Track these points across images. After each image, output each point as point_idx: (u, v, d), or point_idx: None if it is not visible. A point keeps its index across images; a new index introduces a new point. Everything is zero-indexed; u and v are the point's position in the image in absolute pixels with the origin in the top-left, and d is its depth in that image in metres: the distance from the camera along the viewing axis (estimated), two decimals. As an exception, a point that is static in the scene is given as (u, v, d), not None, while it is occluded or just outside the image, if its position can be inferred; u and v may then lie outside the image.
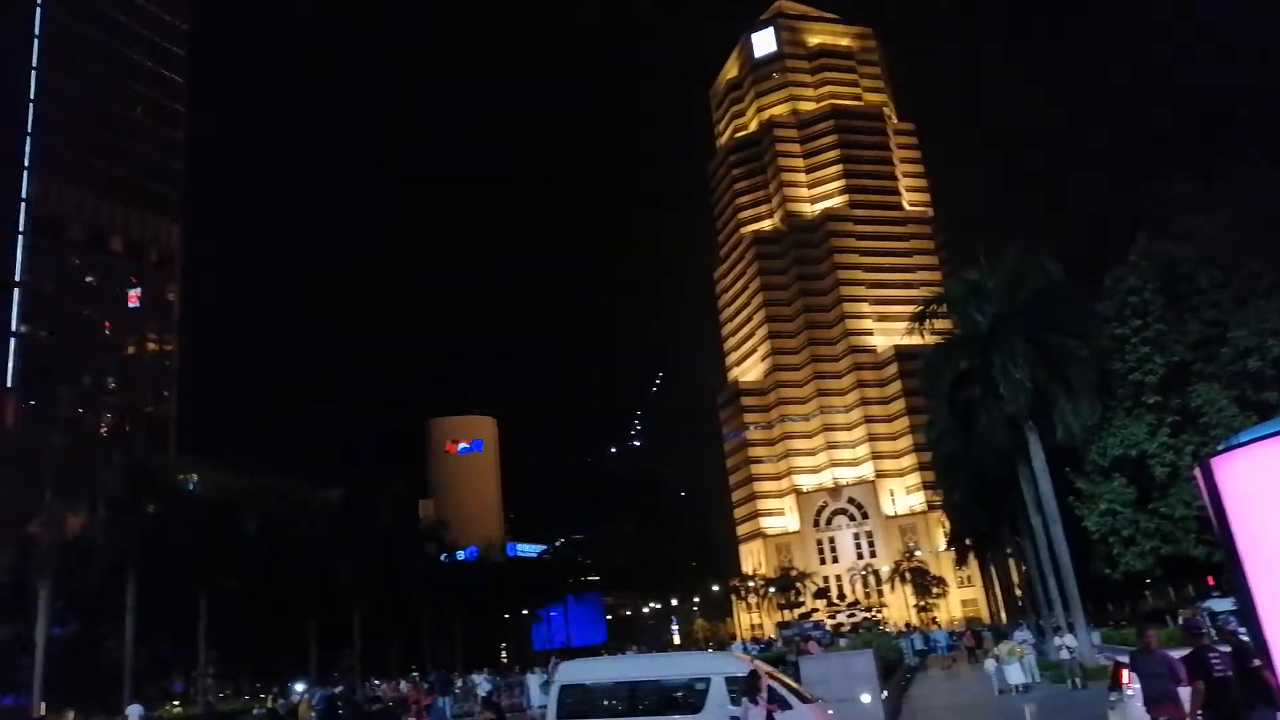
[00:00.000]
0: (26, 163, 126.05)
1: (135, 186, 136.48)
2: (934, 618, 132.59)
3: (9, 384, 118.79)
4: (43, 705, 44.16)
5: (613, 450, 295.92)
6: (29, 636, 43.12)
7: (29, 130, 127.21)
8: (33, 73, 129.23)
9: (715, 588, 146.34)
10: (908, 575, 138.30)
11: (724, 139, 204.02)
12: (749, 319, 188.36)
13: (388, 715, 29.02)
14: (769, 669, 16.46)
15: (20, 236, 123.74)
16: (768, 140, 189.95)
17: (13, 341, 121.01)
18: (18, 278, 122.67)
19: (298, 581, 55.54)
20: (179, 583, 48.40)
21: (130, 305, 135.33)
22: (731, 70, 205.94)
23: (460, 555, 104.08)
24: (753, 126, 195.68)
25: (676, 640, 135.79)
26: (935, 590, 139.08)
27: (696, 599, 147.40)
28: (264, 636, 56.00)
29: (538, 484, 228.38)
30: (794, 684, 16.74)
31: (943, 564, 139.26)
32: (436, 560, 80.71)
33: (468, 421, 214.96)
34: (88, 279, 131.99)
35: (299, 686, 57.79)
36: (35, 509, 43.51)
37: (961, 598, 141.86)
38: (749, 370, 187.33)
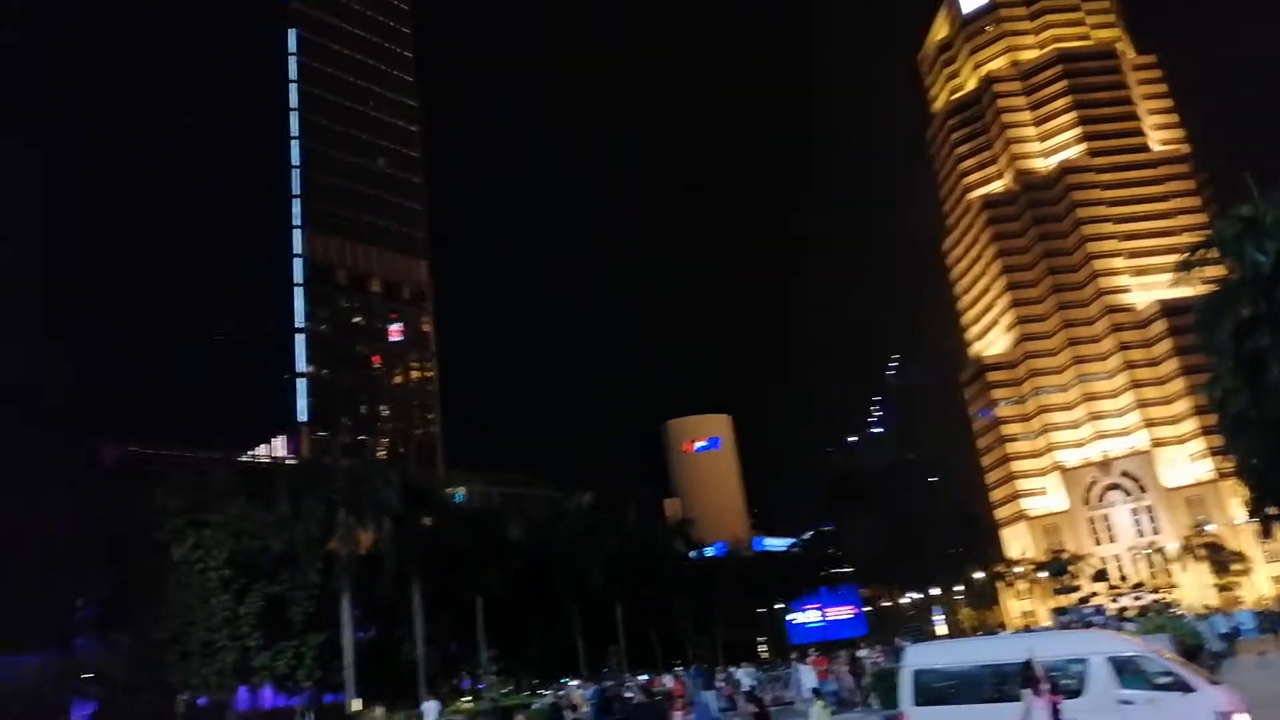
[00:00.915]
0: (297, 222, 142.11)
1: (386, 231, 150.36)
2: (1238, 597, 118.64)
3: (303, 419, 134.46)
4: (357, 702, 49.38)
5: (853, 439, 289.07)
6: (338, 642, 48.29)
7: (295, 193, 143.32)
8: (294, 142, 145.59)
9: (978, 575, 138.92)
10: (1200, 552, 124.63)
11: (939, 103, 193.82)
12: (987, 289, 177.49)
13: (654, 709, 29.91)
14: (1157, 648, 14.80)
15: (298, 288, 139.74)
16: (988, 97, 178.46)
17: (301, 382, 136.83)
18: (300, 324, 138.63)
19: (559, 583, 58.73)
20: (457, 587, 52.58)
21: (392, 339, 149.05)
22: (940, 31, 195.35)
23: (709, 552, 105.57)
24: (970, 85, 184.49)
25: (942, 631, 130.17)
26: (1235, 567, 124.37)
27: (959, 587, 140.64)
28: (535, 636, 59.60)
29: (778, 478, 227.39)
30: (1189, 665, 15.06)
31: (1242, 538, 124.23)
32: (686, 557, 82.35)
33: (703, 420, 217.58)
34: (355, 319, 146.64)
35: (572, 682, 61.01)
36: (330, 528, 48.78)
37: (1272, 573, 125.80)
38: (993, 343, 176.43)
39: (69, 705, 75.87)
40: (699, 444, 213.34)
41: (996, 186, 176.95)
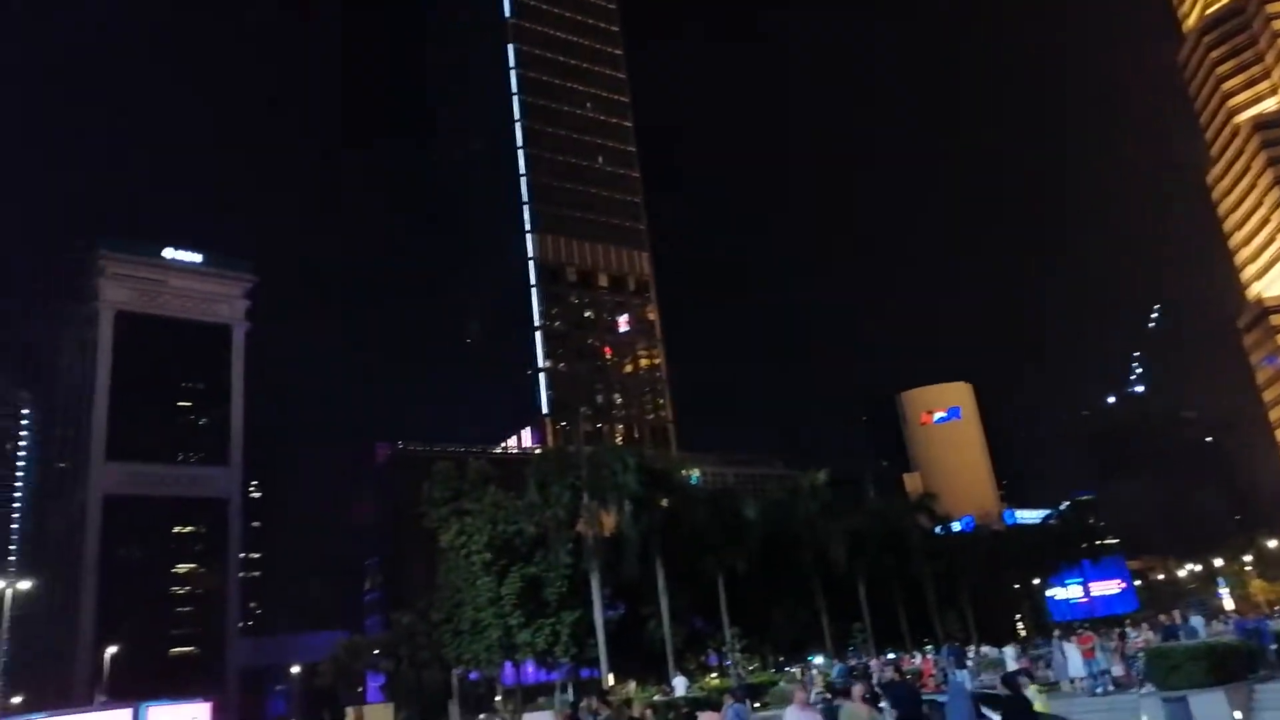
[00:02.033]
0: (528, 226, 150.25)
1: (608, 226, 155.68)
2: None
3: (545, 410, 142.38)
4: (610, 678, 51.94)
5: (1111, 399, 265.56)
6: (591, 619, 50.95)
7: (524, 199, 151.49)
8: (519, 151, 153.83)
9: (1271, 543, 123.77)
10: None
11: (1191, 20, 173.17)
12: (1265, 220, 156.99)
13: (905, 688, 29.20)
14: None
15: (533, 289, 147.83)
16: (1254, 7, 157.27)
17: (541, 376, 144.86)
18: (537, 323, 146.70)
19: (799, 560, 58.60)
20: (697, 566, 53.88)
21: (621, 330, 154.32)
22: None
23: (955, 527, 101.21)
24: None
25: (1229, 605, 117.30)
26: None
27: (1248, 557, 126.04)
28: (779, 614, 59.87)
29: (1027, 447, 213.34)
30: None
31: None
32: (931, 533, 79.44)
33: (941, 390, 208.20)
34: (585, 314, 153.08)
35: (817, 660, 60.76)
36: (576, 512, 51.48)
37: None
38: (1275, 282, 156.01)
39: (362, 676, 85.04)
40: (938, 415, 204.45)
41: (1269, 105, 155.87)
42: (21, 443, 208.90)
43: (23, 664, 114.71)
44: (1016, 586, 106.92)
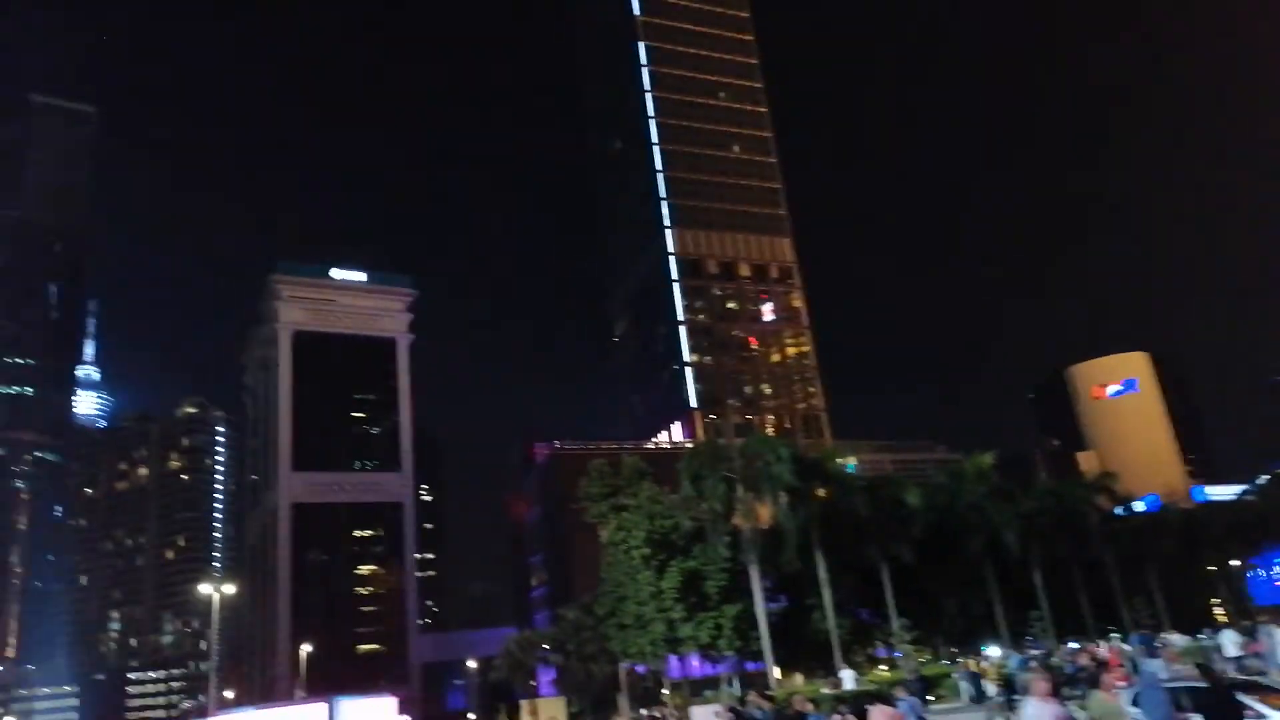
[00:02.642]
0: (666, 222, 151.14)
1: (747, 215, 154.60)
2: None
3: (693, 404, 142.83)
4: (776, 671, 51.55)
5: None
6: (753, 612, 50.69)
7: (662, 195, 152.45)
8: (654, 148, 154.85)
9: None
10: None
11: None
12: None
13: (1089, 679, 27.50)
14: None
15: (675, 284, 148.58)
16: None
17: (688, 370, 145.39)
18: (680, 317, 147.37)
19: (968, 547, 56.26)
20: (860, 556, 52.64)
21: (765, 319, 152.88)
22: None
23: (1138, 506, 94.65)
24: None
25: None
26: None
27: None
28: (949, 603, 57.72)
29: (1218, 417, 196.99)
30: None
31: None
32: (1111, 514, 74.56)
33: (1114, 362, 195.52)
34: (729, 305, 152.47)
35: (993, 651, 58.19)
36: (731, 505, 51.27)
37: None
38: None
39: (534, 670, 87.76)
40: (1112, 388, 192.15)
41: None
42: (219, 458, 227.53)
43: (231, 661, 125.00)
44: (1212, 569, 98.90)
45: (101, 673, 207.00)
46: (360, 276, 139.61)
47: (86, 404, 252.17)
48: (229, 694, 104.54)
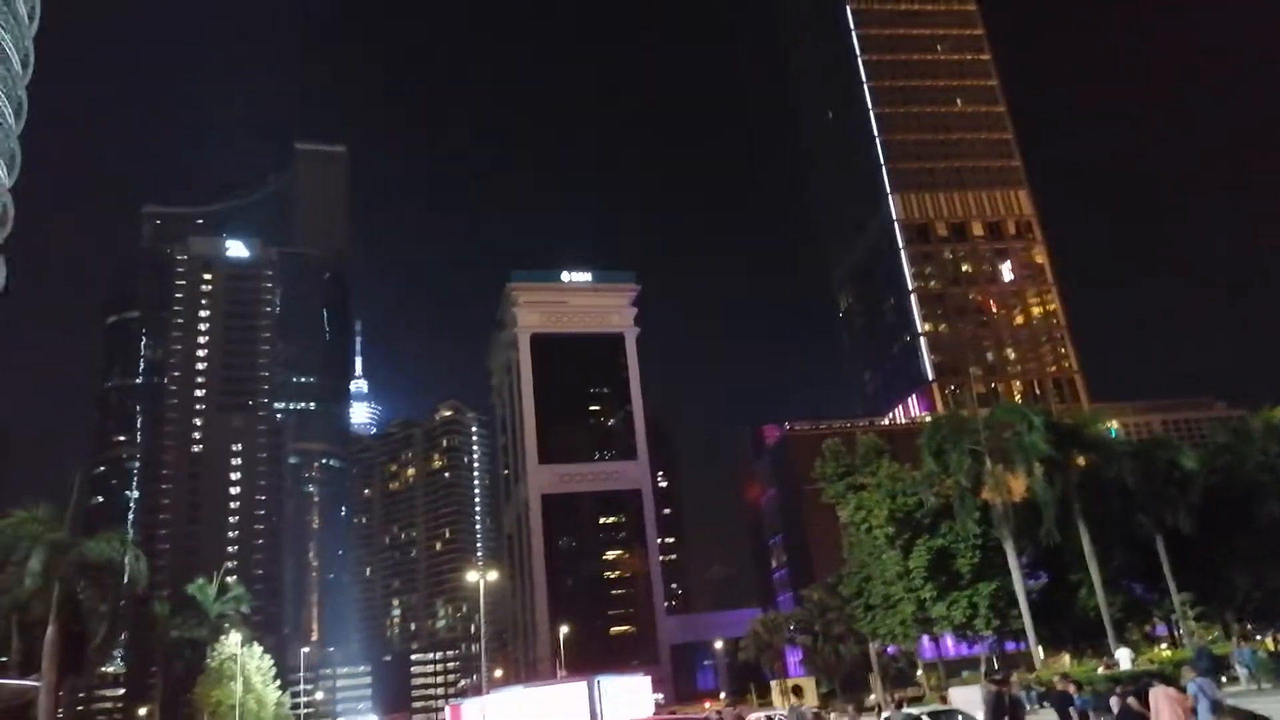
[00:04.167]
0: (887, 189, 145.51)
1: (976, 171, 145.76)
2: None
3: (929, 376, 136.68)
4: (1039, 651, 48.24)
5: None
6: (1010, 589, 47.68)
7: (880, 162, 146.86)
8: (869, 114, 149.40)
9: None
10: None
11: None
12: None
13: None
14: None
15: (901, 251, 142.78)
16: None
17: (922, 340, 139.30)
18: (909, 286, 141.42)
19: (1258, 513, 49.82)
20: (1129, 527, 48.02)
21: (1005, 279, 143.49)
22: None
23: None
24: None
25: None
26: None
27: None
28: (1238, 575, 51.46)
29: None
30: None
31: None
32: None
33: None
34: (962, 268, 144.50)
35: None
36: (979, 479, 48.40)
37: None
38: None
39: (781, 650, 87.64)
40: None
41: None
42: (475, 455, 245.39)
43: (498, 643, 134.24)
44: None
45: (388, 654, 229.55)
46: (586, 276, 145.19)
47: (360, 414, 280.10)
48: (498, 673, 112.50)
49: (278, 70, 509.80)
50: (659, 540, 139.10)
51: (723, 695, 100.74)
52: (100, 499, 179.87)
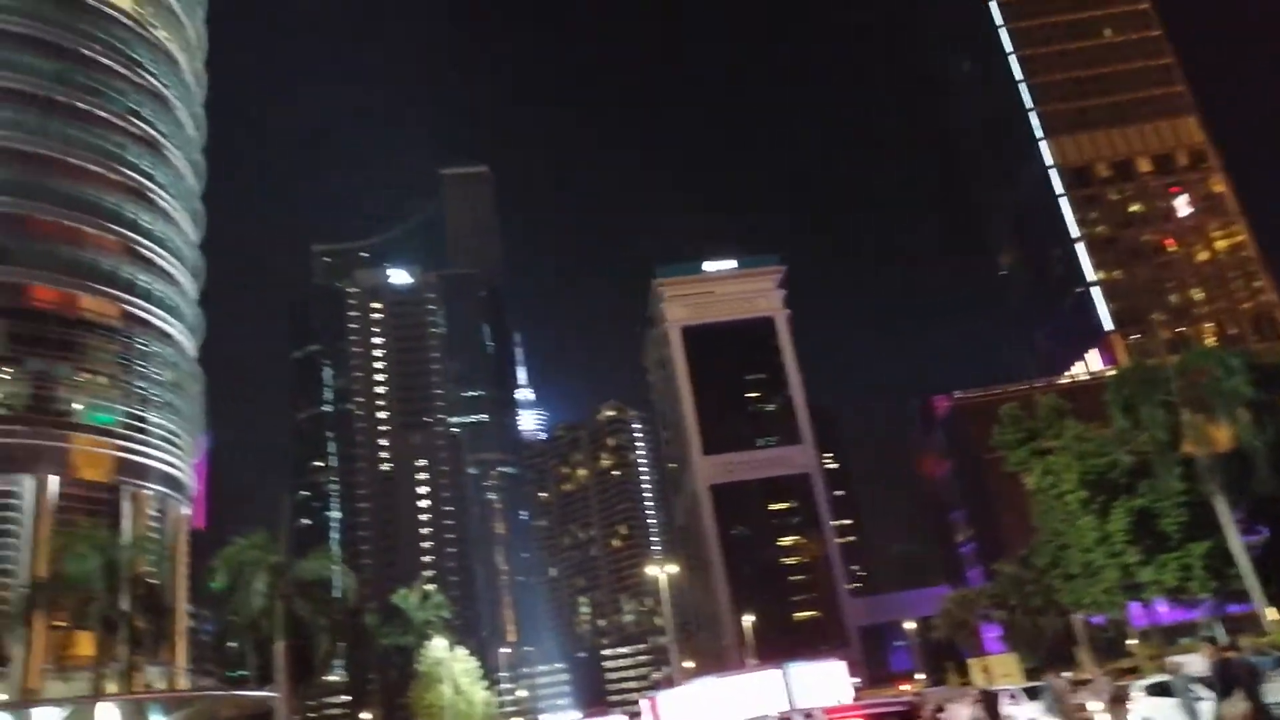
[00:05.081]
0: (1039, 134, 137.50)
1: (1136, 103, 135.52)
2: None
3: (1108, 327, 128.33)
4: (1270, 612, 44.59)
5: None
6: (1226, 548, 44.33)
7: (1029, 106, 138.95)
8: (1010, 58, 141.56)
9: None
10: None
11: None
12: None
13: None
14: None
15: (1061, 199, 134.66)
16: None
17: (1095, 290, 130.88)
18: (1074, 234, 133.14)
19: None
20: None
21: (1181, 214, 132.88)
22: None
23: None
24: None
25: None
26: None
27: None
28: None
29: None
30: None
31: None
32: None
33: None
34: (1131, 208, 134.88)
35: None
36: (1177, 431, 45.19)
37: None
38: None
39: (976, 627, 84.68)
40: None
41: None
42: (640, 451, 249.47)
43: (684, 634, 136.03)
44: None
45: (582, 651, 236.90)
46: (730, 264, 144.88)
47: (528, 421, 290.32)
48: (689, 664, 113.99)
49: (415, 101, 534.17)
50: (834, 522, 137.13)
51: (918, 676, 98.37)
52: (307, 521, 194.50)
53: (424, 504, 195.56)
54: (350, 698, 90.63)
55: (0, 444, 61.27)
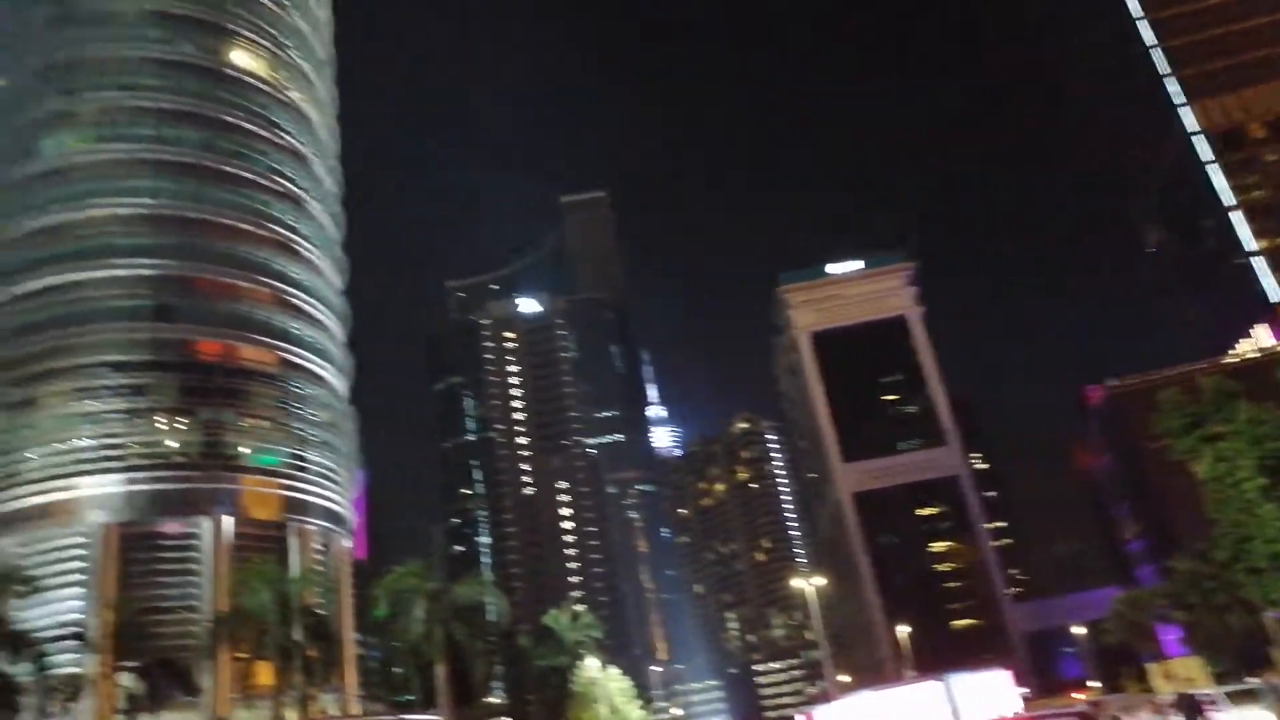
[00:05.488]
0: (1178, 100, 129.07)
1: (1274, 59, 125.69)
2: None
3: (1275, 298, 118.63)
4: None
5: None
6: None
7: (1164, 72, 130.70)
8: (1139, 23, 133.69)
9: None
10: None
11: None
12: None
13: None
14: None
15: (1209, 165, 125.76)
16: None
17: (1258, 260, 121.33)
18: (1229, 201, 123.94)
19: None
20: None
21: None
22: None
23: None
24: None
25: None
26: None
27: None
28: None
29: None
30: None
31: None
32: None
33: None
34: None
35: None
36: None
37: None
38: None
39: (1152, 629, 79.28)
40: None
41: None
42: (776, 462, 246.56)
43: (837, 647, 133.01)
44: None
45: (733, 667, 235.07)
46: (856, 265, 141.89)
47: (662, 438, 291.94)
48: (844, 678, 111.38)
49: (534, 133, 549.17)
50: (987, 525, 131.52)
51: (1091, 684, 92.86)
52: (459, 548, 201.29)
53: (567, 525, 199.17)
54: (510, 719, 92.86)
55: (180, 489, 66.15)
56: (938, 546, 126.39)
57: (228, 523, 66.32)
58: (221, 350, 71.08)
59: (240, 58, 79.18)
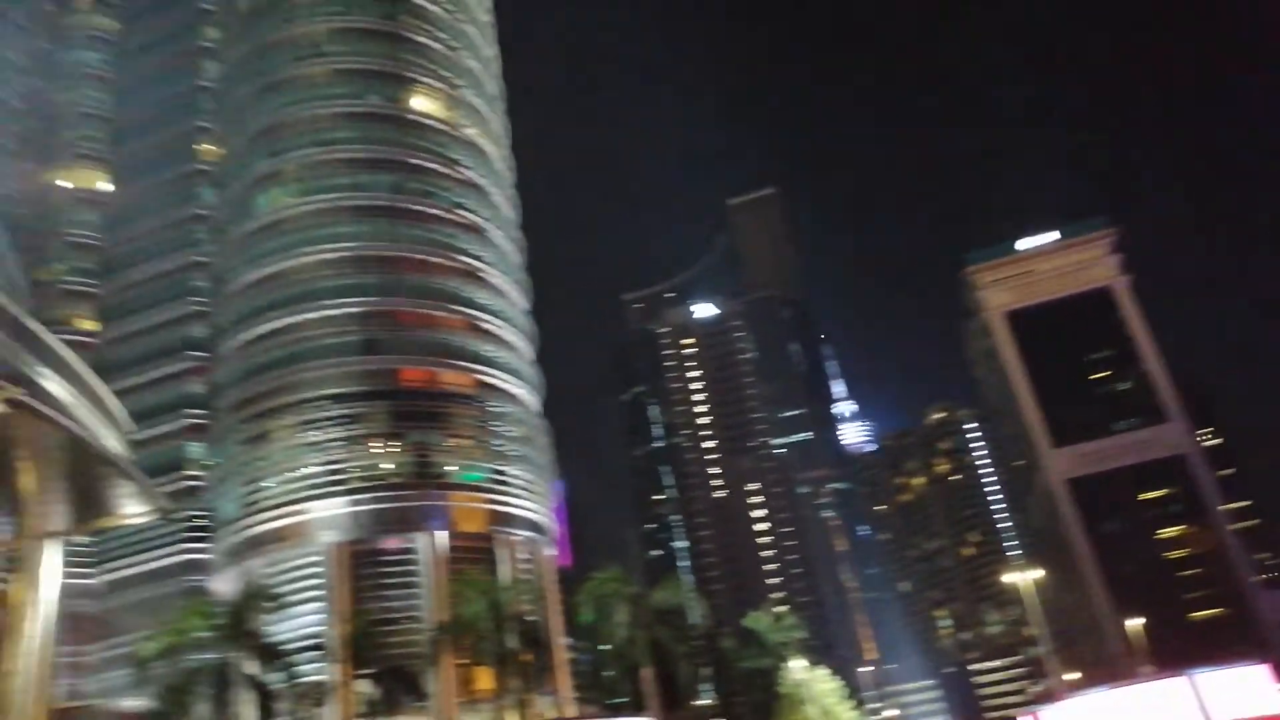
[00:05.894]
0: None
1: None
2: None
3: None
4: None
5: None
6: None
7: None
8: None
9: None
10: None
11: None
12: None
13: None
14: None
15: None
16: None
17: None
18: None
19: None
20: None
21: None
22: None
23: None
24: None
25: None
26: None
27: None
28: None
29: None
30: None
31: None
32: None
33: None
34: None
35: None
36: None
37: None
38: None
39: None
40: None
41: None
42: (977, 452, 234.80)
43: (1060, 643, 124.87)
44: None
45: (948, 666, 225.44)
46: (1050, 236, 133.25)
47: (852, 434, 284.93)
48: (1071, 675, 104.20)
49: (699, 137, 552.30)
50: (1225, 506, 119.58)
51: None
52: (657, 552, 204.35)
53: (761, 526, 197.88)
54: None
55: (398, 508, 70.98)
56: (1168, 532, 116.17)
57: (441, 537, 70.34)
58: (424, 376, 75.72)
59: (419, 102, 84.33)
